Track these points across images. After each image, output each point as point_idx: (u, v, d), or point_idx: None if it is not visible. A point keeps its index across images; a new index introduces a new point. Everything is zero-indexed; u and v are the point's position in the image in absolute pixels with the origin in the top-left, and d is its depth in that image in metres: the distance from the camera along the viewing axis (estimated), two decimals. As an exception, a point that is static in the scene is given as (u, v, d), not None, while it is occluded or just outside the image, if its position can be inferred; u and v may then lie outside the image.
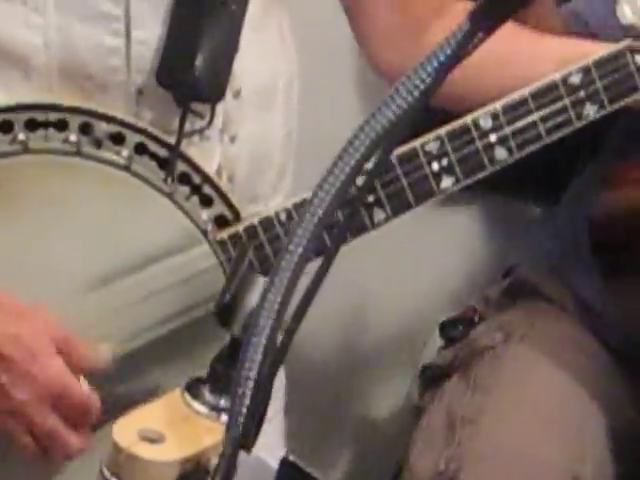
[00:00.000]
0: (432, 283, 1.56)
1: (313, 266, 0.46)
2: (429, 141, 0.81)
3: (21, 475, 0.85)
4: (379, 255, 1.25)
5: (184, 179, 0.81)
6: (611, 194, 1.13)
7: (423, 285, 1.55)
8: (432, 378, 1.22)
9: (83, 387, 0.79)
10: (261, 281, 0.57)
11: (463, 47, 0.45)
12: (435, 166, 0.82)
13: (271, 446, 0.59)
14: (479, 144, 0.83)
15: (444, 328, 1.23)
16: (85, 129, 0.80)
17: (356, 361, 1.61)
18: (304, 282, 0.45)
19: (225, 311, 0.64)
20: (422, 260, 1.54)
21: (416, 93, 0.45)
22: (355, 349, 1.59)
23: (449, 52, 0.44)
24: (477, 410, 1.08)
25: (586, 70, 0.86)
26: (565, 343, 1.15)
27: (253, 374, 0.48)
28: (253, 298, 0.58)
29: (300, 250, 0.45)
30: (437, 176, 0.82)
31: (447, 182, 0.83)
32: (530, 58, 0.98)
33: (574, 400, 1.09)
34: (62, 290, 0.83)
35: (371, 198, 0.81)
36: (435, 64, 0.45)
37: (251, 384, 0.48)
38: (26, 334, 0.78)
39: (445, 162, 0.83)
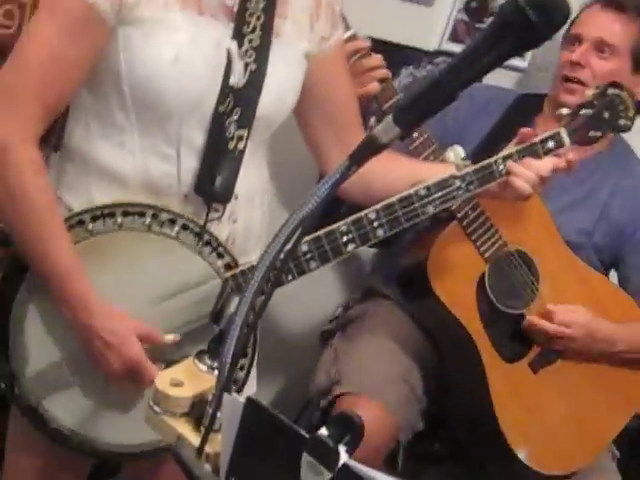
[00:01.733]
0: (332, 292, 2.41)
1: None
2: (341, 225, 1.38)
3: (118, 398, 1.33)
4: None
5: (208, 244, 1.34)
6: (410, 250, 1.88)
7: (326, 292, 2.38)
8: (327, 336, 2.06)
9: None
10: (236, 299, 0.89)
11: (345, 174, 0.80)
12: (344, 238, 1.38)
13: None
14: (369, 227, 1.40)
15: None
16: (154, 216, 1.30)
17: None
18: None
19: (216, 314, 1.15)
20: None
21: (322, 196, 0.80)
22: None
23: (338, 175, 0.80)
24: (349, 347, 1.92)
25: (428, 187, 1.44)
26: (395, 317, 1.98)
27: (231, 349, 0.83)
28: (232, 307, 1.02)
29: (254, 286, 0.82)
30: (345, 244, 1.39)
31: (351, 247, 1.39)
32: (406, 175, 1.54)
33: (402, 342, 1.90)
34: (138, 306, 1.32)
35: (308, 255, 1.35)
36: (332, 180, 0.80)
37: (229, 355, 0.83)
38: (120, 328, 1.27)
39: (350, 236, 1.38)
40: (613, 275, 2.14)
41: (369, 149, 0.84)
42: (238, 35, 1.33)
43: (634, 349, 1.95)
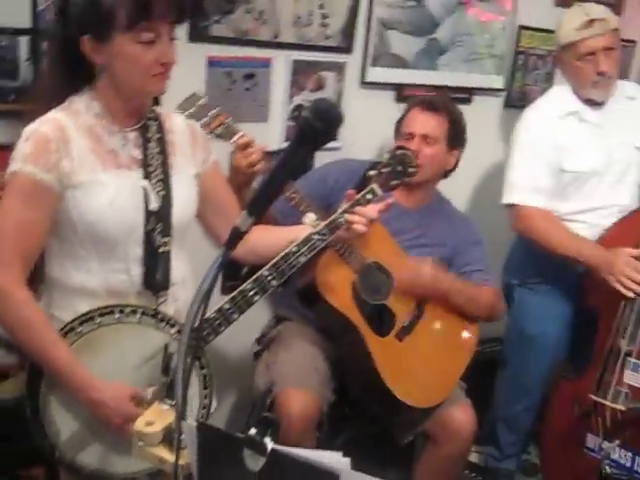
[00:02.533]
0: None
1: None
2: (247, 284, 1.66)
3: (122, 441, 1.48)
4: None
5: (162, 320, 1.58)
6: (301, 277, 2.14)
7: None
8: (257, 355, 2.45)
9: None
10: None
11: (225, 256, 1.07)
12: (251, 292, 1.66)
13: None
14: (265, 281, 1.68)
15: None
16: (121, 311, 1.54)
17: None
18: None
19: (164, 369, 1.43)
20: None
21: (215, 274, 1.05)
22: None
23: (221, 258, 1.07)
24: (274, 359, 2.28)
25: (297, 244, 1.75)
26: (301, 330, 2.41)
27: (179, 390, 1.02)
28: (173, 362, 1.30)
29: (184, 346, 1.05)
30: (253, 296, 1.66)
31: (257, 297, 1.66)
32: (280, 239, 1.81)
33: (310, 345, 2.35)
34: (124, 375, 1.54)
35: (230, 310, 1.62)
36: (218, 262, 1.06)
37: (180, 394, 1.01)
38: (115, 395, 1.49)
39: (255, 290, 1.66)
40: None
41: (236, 236, 1.10)
42: (147, 175, 1.60)
43: (461, 294, 2.33)
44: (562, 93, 2.58)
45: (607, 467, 2.34)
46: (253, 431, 1.09)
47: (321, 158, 2.59)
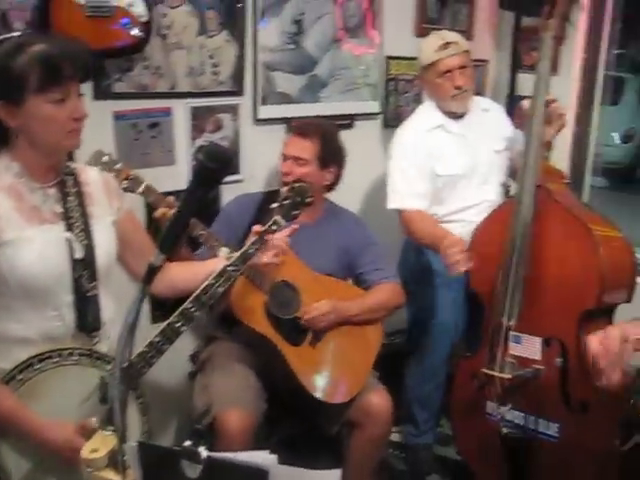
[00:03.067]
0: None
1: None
2: (174, 318, 1.68)
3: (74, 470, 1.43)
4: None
5: (98, 359, 1.61)
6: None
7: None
8: (192, 376, 2.47)
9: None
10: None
11: (143, 292, 1.16)
12: (178, 324, 1.68)
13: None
14: (189, 313, 1.71)
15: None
16: (59, 355, 1.56)
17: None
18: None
19: (102, 399, 1.41)
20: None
21: (137, 309, 1.14)
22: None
23: (140, 294, 1.16)
24: (209, 380, 2.30)
25: (214, 277, 1.78)
26: (230, 349, 2.43)
27: (118, 416, 1.10)
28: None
29: (117, 378, 1.15)
30: (180, 327, 1.68)
31: (184, 328, 1.68)
32: (196, 273, 1.86)
33: (241, 363, 2.38)
34: (70, 412, 1.55)
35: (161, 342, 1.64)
36: (139, 297, 1.14)
37: (119, 420, 1.10)
38: (64, 433, 1.49)
39: (181, 322, 1.68)
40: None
41: (151, 272, 1.14)
42: (69, 227, 1.63)
43: (361, 311, 2.43)
44: (427, 110, 2.74)
45: (504, 428, 2.47)
46: (188, 443, 1.13)
47: (227, 191, 2.66)
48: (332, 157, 2.49)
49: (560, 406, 2.42)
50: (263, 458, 1.11)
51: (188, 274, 1.87)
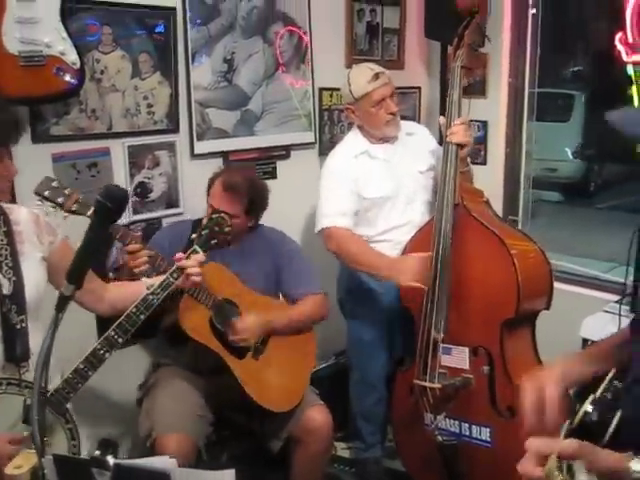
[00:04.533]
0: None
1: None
2: (97, 344, 1.80)
3: None
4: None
5: (27, 387, 1.71)
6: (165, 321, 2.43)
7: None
8: (140, 401, 2.57)
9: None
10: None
11: (56, 321, 1.35)
12: (102, 352, 1.80)
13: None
14: (112, 340, 1.83)
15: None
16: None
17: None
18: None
19: (25, 420, 1.55)
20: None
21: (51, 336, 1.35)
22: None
23: (54, 324, 1.37)
24: (154, 405, 2.42)
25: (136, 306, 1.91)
26: (176, 373, 2.56)
27: (37, 437, 1.21)
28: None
29: (36, 402, 1.33)
30: (103, 354, 1.80)
31: (107, 355, 1.80)
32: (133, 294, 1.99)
33: (186, 386, 2.52)
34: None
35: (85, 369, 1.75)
36: (52, 327, 1.36)
37: (38, 439, 1.31)
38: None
39: (104, 349, 1.80)
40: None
41: (63, 301, 1.28)
42: None
43: (287, 324, 2.61)
44: (353, 138, 2.91)
45: (439, 436, 2.63)
46: (97, 452, 1.27)
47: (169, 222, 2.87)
48: (258, 208, 2.64)
49: (489, 411, 2.58)
50: (164, 462, 1.25)
51: (126, 294, 2.01)
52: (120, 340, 1.83)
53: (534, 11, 3.59)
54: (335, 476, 3.20)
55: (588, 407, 1.37)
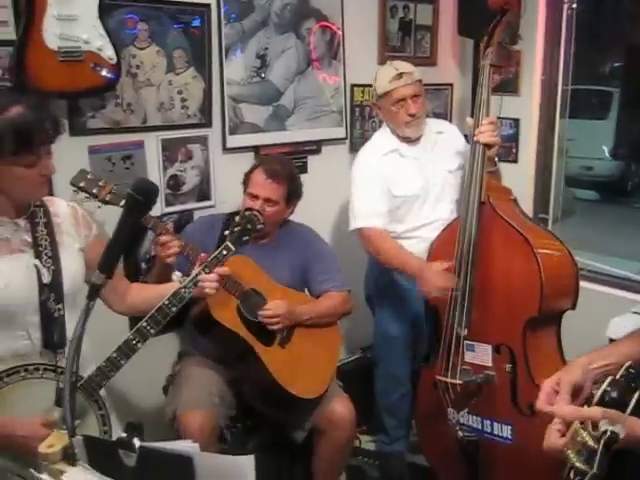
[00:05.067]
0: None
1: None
2: (130, 335, 1.87)
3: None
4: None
5: (62, 373, 1.76)
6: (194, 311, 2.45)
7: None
8: (166, 389, 2.72)
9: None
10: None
11: (89, 308, 1.38)
12: (134, 341, 1.87)
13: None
14: (145, 330, 1.89)
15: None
16: (26, 370, 1.71)
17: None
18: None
19: (57, 402, 1.63)
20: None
21: (82, 324, 1.37)
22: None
23: (86, 309, 1.48)
24: (177, 390, 2.52)
25: (168, 298, 1.98)
26: (199, 361, 2.69)
27: (69, 418, 1.26)
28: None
29: (68, 386, 1.37)
30: (136, 344, 1.87)
31: (139, 345, 1.87)
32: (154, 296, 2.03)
33: (208, 372, 2.61)
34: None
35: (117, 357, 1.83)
36: (85, 313, 1.37)
37: (70, 421, 1.29)
38: (31, 425, 1.64)
39: (137, 339, 1.87)
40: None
41: (94, 289, 1.35)
42: (38, 255, 1.79)
43: (313, 315, 2.67)
44: (383, 135, 2.94)
45: (460, 432, 2.65)
46: (123, 435, 1.33)
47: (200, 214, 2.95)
48: (296, 196, 2.74)
49: (511, 409, 2.60)
50: (187, 446, 1.31)
51: (146, 295, 2.06)
52: (152, 331, 1.89)
53: (569, 7, 3.58)
54: (359, 468, 3.25)
55: (607, 387, 1.39)
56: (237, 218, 2.32)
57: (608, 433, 1.14)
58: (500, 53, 2.71)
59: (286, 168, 2.69)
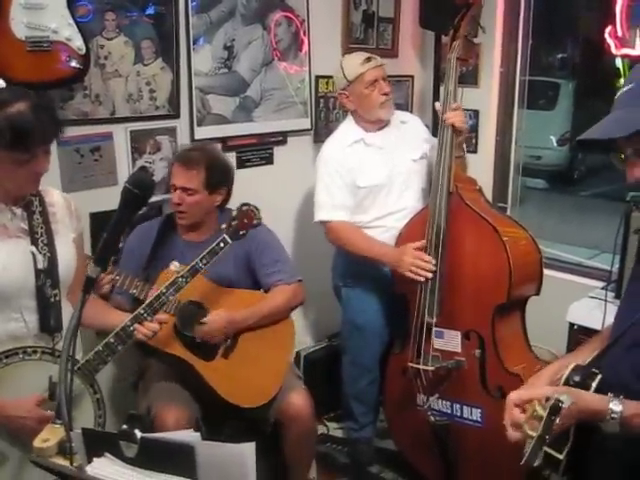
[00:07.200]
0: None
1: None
2: (129, 319, 1.94)
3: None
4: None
5: (58, 356, 1.74)
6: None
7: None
8: (135, 385, 2.68)
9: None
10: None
11: (84, 300, 1.45)
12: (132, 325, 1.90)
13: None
14: (144, 314, 1.97)
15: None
16: (24, 352, 1.78)
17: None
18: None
19: (51, 395, 1.66)
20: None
21: (77, 319, 1.41)
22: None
23: (81, 303, 1.55)
24: (147, 387, 2.50)
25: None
26: (164, 370, 2.49)
27: (64, 411, 1.26)
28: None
29: (63, 378, 1.38)
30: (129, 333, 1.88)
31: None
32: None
33: (173, 375, 2.50)
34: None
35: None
36: (80, 306, 1.42)
37: (65, 414, 1.27)
38: (23, 405, 1.71)
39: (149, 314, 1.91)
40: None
41: (90, 282, 1.36)
42: (34, 242, 1.86)
43: (258, 319, 2.58)
44: (347, 126, 2.98)
45: (431, 417, 2.74)
46: (125, 427, 1.34)
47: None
48: (219, 181, 2.59)
49: (480, 392, 2.70)
50: (189, 436, 1.33)
51: (95, 316, 2.05)
52: (149, 318, 1.98)
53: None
54: (328, 455, 3.31)
55: (570, 372, 1.50)
56: (234, 212, 2.32)
57: (552, 400, 1.26)
58: (466, 46, 2.78)
59: (205, 154, 2.58)
